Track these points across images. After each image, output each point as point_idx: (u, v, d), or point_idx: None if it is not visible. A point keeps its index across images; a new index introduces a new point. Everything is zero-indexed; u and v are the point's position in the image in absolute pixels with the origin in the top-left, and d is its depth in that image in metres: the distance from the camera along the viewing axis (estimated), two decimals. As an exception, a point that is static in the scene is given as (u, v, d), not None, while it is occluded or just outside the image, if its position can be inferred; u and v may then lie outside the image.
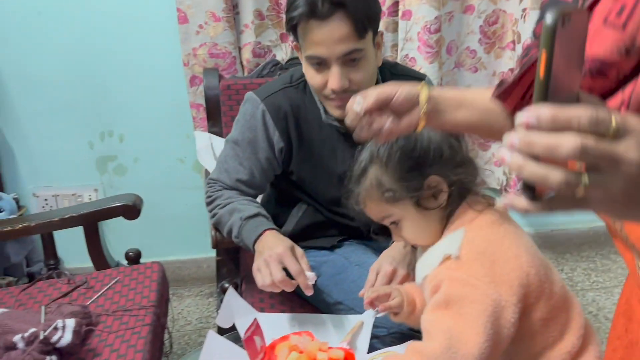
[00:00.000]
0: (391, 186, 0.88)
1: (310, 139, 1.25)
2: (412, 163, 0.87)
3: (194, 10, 1.80)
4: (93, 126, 1.96)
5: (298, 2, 1.08)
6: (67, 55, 1.87)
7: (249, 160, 1.26)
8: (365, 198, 0.92)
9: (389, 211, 0.91)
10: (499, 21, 1.98)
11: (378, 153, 0.90)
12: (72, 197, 2.03)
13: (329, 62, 1.10)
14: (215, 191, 1.28)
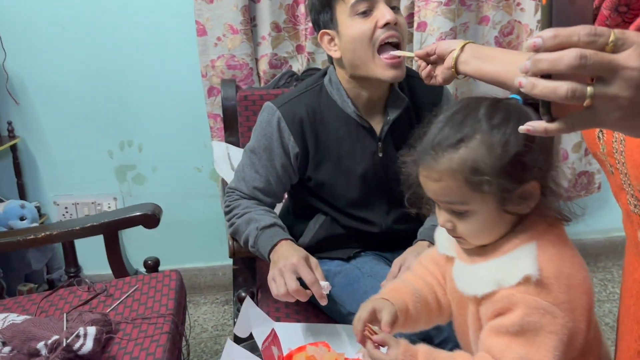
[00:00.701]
0: (488, 175, 0.75)
1: (327, 140, 1.26)
2: (522, 160, 0.74)
3: (213, 23, 1.83)
4: (113, 136, 2.00)
5: None
6: (88, 67, 1.92)
7: (265, 167, 1.28)
8: (447, 173, 0.77)
9: (467, 199, 0.78)
10: (514, 32, 1.98)
11: (491, 131, 0.75)
12: (92, 205, 2.07)
13: (375, 3, 1.14)
14: (233, 200, 1.30)
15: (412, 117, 1.27)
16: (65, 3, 1.85)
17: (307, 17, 1.87)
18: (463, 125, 0.77)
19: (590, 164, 2.17)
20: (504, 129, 0.75)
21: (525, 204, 0.78)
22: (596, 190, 2.22)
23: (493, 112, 0.77)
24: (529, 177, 0.76)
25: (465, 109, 0.79)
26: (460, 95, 2.04)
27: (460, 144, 0.76)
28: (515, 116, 0.76)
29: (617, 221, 2.45)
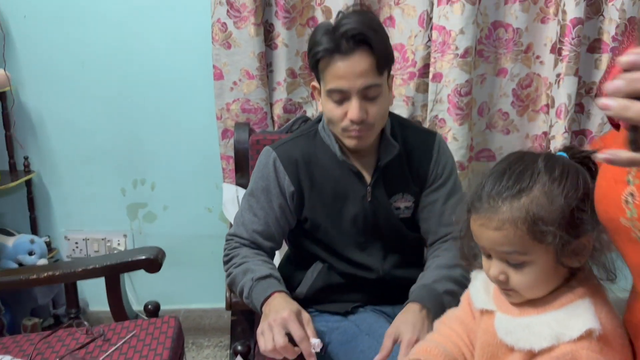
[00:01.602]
0: (551, 225, 0.76)
1: (321, 181, 1.27)
2: (583, 213, 0.76)
3: (230, 68, 1.85)
4: (126, 174, 2.02)
5: (322, 39, 1.15)
6: (106, 105, 1.95)
7: (264, 209, 1.28)
8: (509, 221, 0.77)
9: (527, 249, 0.78)
10: (532, 84, 1.96)
11: (552, 184, 0.77)
12: (102, 241, 2.08)
13: (349, 95, 1.16)
14: (232, 249, 1.29)
15: (404, 164, 1.28)
16: (87, 41, 1.90)
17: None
18: (522, 176, 0.79)
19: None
20: (564, 182, 0.78)
21: (578, 258, 0.79)
22: (617, 248, 2.15)
23: (552, 165, 0.79)
24: (584, 231, 0.77)
25: (522, 161, 0.81)
26: (476, 145, 2.01)
27: (522, 193, 0.78)
28: (573, 170, 0.79)
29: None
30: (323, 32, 1.15)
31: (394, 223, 1.29)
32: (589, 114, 1.95)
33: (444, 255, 1.26)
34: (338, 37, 1.12)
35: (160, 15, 1.88)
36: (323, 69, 1.17)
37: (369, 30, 1.13)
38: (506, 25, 1.88)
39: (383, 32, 1.18)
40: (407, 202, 1.30)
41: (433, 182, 1.30)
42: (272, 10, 1.84)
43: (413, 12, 1.85)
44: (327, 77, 1.17)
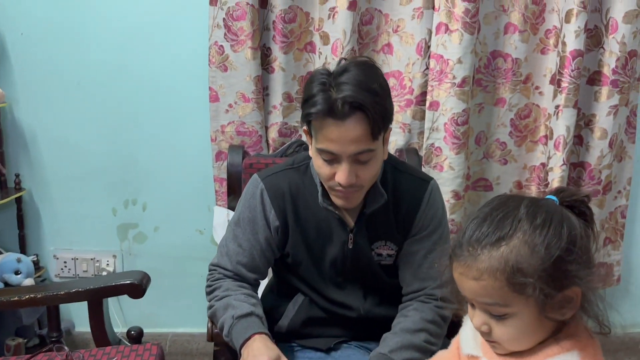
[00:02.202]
0: (531, 277, 0.72)
1: (307, 220, 1.24)
2: (569, 262, 0.72)
3: (226, 90, 1.84)
4: (118, 193, 2.00)
5: (316, 99, 1.07)
6: (100, 124, 1.94)
7: (249, 241, 1.25)
8: (487, 271, 0.74)
9: (507, 300, 0.74)
10: (531, 115, 1.94)
11: (533, 231, 0.73)
12: (91, 261, 2.05)
13: (339, 158, 1.10)
14: (215, 280, 1.26)
15: (390, 211, 1.23)
16: (83, 60, 1.89)
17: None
18: (503, 223, 0.75)
19: (609, 255, 2.06)
20: (546, 230, 0.73)
21: (565, 310, 0.75)
22: (615, 282, 2.10)
23: (534, 211, 0.75)
24: (571, 282, 0.73)
25: (505, 206, 0.77)
26: (473, 174, 1.99)
27: (501, 242, 0.74)
28: (557, 217, 0.74)
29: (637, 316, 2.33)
30: (319, 87, 1.07)
31: (374, 269, 1.26)
32: (588, 147, 1.93)
33: (411, 317, 1.20)
34: (333, 100, 1.05)
35: (157, 37, 1.88)
36: (315, 127, 1.10)
37: (367, 96, 1.05)
38: (505, 55, 1.87)
39: (383, 91, 1.11)
40: (389, 250, 1.25)
41: (417, 232, 1.24)
42: (270, 35, 1.84)
43: (411, 39, 1.84)
44: (318, 137, 1.10)
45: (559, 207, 0.77)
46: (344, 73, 1.07)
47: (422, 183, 1.26)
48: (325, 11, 1.81)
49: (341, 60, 1.14)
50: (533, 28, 1.86)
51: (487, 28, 1.85)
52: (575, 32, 1.76)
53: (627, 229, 2.08)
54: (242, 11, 1.75)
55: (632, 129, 1.96)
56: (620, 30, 1.80)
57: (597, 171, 1.93)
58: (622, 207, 2.03)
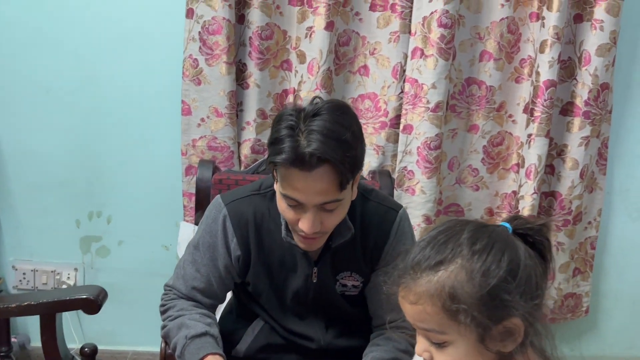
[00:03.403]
0: (467, 304, 0.69)
1: (270, 251, 1.20)
2: (507, 292, 0.69)
3: (198, 104, 1.82)
4: (83, 205, 1.95)
5: (284, 147, 1.01)
6: (68, 134, 1.90)
7: (207, 267, 1.20)
8: (424, 296, 0.72)
9: (444, 327, 0.72)
10: (504, 143, 1.95)
11: (472, 257, 0.71)
12: (51, 274, 1.98)
13: (304, 207, 1.06)
14: (169, 300, 1.22)
15: (357, 244, 1.19)
16: (53, 70, 1.85)
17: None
18: (444, 248, 0.73)
19: (579, 286, 2.07)
20: (485, 256, 0.71)
21: (507, 343, 0.72)
22: (584, 314, 2.10)
23: (476, 237, 0.72)
24: (510, 313, 0.70)
25: (449, 230, 0.75)
26: (445, 199, 1.98)
27: (440, 266, 0.72)
28: (500, 244, 0.71)
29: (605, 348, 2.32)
30: (287, 132, 1.01)
31: (337, 301, 1.23)
32: (559, 176, 1.94)
33: (383, 346, 1.17)
34: (301, 151, 0.99)
35: (130, 47, 1.85)
36: (280, 173, 1.05)
37: (337, 149, 1.00)
38: (480, 83, 1.88)
39: (355, 140, 1.04)
40: (355, 281, 1.21)
41: (386, 264, 1.18)
42: (246, 50, 1.82)
43: (387, 63, 1.84)
44: (283, 183, 1.05)
45: (507, 234, 0.74)
46: (315, 118, 1.02)
47: (391, 213, 1.22)
48: (302, 30, 1.80)
49: (314, 99, 1.08)
50: (508, 57, 1.87)
51: (463, 55, 1.86)
52: (549, 62, 1.78)
53: (597, 260, 2.09)
54: (218, 25, 1.74)
55: (603, 160, 1.98)
56: (593, 63, 1.82)
57: (568, 201, 1.93)
58: (592, 238, 2.04)
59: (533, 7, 1.83)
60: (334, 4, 1.74)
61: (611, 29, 1.79)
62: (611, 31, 1.79)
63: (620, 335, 2.22)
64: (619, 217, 2.10)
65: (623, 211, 2.10)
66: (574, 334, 2.19)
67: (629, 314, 2.20)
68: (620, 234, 2.11)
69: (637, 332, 2.23)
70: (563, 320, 2.08)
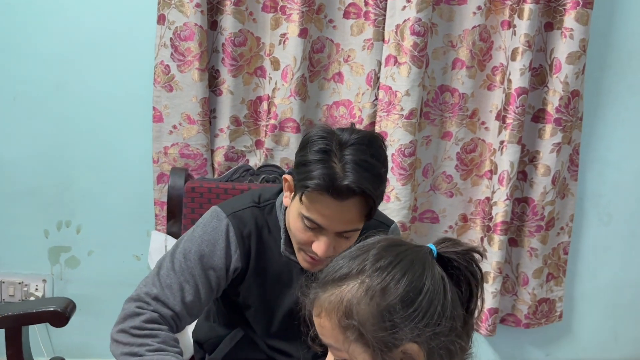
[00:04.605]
0: (362, 323, 0.67)
1: (267, 264, 1.17)
2: (403, 314, 0.67)
3: (170, 111, 1.79)
4: (52, 214, 1.90)
5: (318, 173, 0.99)
6: (37, 141, 1.85)
7: (198, 277, 1.12)
8: (324, 310, 0.71)
9: (340, 345, 0.70)
10: (477, 149, 1.96)
11: (372, 274, 0.68)
12: (19, 285, 1.93)
13: (324, 231, 1.05)
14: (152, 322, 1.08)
15: None
16: (20, 76, 1.81)
17: (269, 114, 1.84)
18: (353, 262, 0.71)
19: (552, 291, 2.08)
20: (384, 275, 0.68)
21: None
22: (557, 319, 2.12)
23: (382, 254, 0.70)
24: (402, 338, 0.66)
25: (364, 246, 0.73)
26: (420, 206, 1.98)
27: (344, 280, 0.70)
28: (404, 265, 0.68)
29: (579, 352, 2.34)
30: (322, 156, 1.00)
31: None
32: (532, 183, 1.96)
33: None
34: (338, 182, 0.98)
35: (100, 53, 1.81)
36: (309, 198, 1.02)
37: (373, 183, 1.00)
38: (452, 90, 1.89)
39: (386, 174, 1.06)
40: None
41: None
42: (219, 57, 1.80)
43: (361, 70, 1.84)
44: (309, 205, 1.03)
45: (424, 256, 0.71)
46: (352, 147, 1.01)
47: (382, 228, 1.23)
48: (276, 37, 1.79)
49: (352, 125, 1.08)
50: (480, 64, 1.89)
51: (436, 63, 1.87)
52: (521, 70, 1.80)
53: (570, 265, 2.11)
54: (190, 32, 1.72)
55: (575, 167, 2.00)
56: (564, 71, 1.85)
57: (541, 207, 1.95)
58: (564, 244, 2.06)
59: (504, 15, 1.85)
60: (307, 11, 1.74)
61: (581, 37, 1.82)
62: (581, 39, 1.82)
63: (594, 338, 2.24)
64: (591, 222, 2.13)
65: (595, 216, 2.12)
66: (549, 339, 2.21)
67: (602, 318, 2.23)
68: (592, 238, 2.14)
69: (611, 336, 2.26)
70: (537, 325, 2.09)
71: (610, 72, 2.00)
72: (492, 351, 2.19)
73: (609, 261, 2.17)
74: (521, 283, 2.03)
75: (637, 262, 2.19)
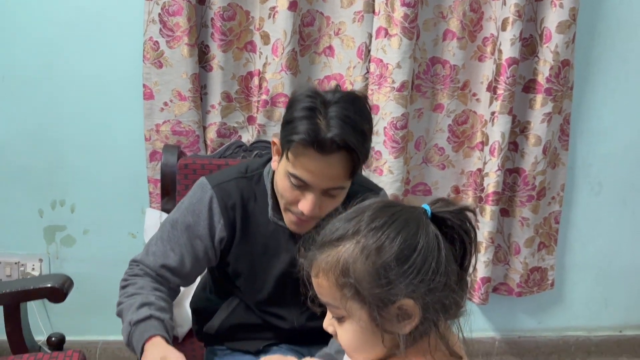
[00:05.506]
0: (358, 281, 0.69)
1: (254, 233, 1.19)
2: (398, 271, 0.68)
3: (160, 87, 1.78)
4: (45, 194, 1.90)
5: (302, 126, 1.02)
6: (27, 121, 1.84)
7: (183, 246, 1.18)
8: (322, 271, 0.73)
9: (338, 303, 0.72)
10: (468, 121, 1.97)
11: (367, 233, 0.71)
12: (15, 265, 1.94)
13: (309, 188, 1.07)
14: (132, 275, 1.18)
15: None
16: (8, 55, 1.79)
17: (261, 90, 1.83)
18: (349, 224, 0.73)
19: (544, 260, 2.11)
20: (379, 234, 0.70)
21: (404, 324, 0.70)
22: (549, 287, 2.16)
23: (376, 215, 0.72)
24: (398, 294, 0.68)
25: (360, 207, 0.76)
26: (413, 179, 2.00)
27: (340, 241, 0.72)
28: (398, 224, 0.70)
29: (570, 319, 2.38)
30: (306, 112, 1.02)
31: None
32: (523, 153, 1.97)
33: None
34: (322, 135, 1.00)
35: (88, 30, 1.79)
36: (294, 153, 1.04)
37: (357, 138, 1.02)
38: (444, 62, 1.89)
39: (370, 133, 1.07)
40: None
41: None
42: (208, 32, 1.79)
43: (352, 43, 1.83)
44: (294, 162, 1.05)
45: (418, 216, 0.72)
46: (336, 105, 1.03)
47: (372, 195, 1.23)
48: (265, 10, 1.78)
49: (336, 87, 1.09)
50: (471, 35, 1.89)
51: (426, 34, 1.87)
52: (511, 40, 1.80)
53: (561, 234, 2.14)
54: (179, 7, 1.70)
55: (566, 136, 2.02)
56: (554, 40, 1.85)
57: (532, 177, 1.97)
58: (555, 213, 2.08)
59: (494, -15, 1.85)
60: (296, -17, 1.72)
61: (570, 6, 1.81)
62: (570, 8, 1.81)
63: (585, 306, 2.29)
64: (582, 192, 2.15)
65: (586, 186, 2.15)
66: (541, 307, 2.25)
67: (592, 286, 2.27)
68: (583, 208, 2.17)
69: (601, 303, 2.30)
70: (529, 293, 2.13)
71: (600, 41, 2.00)
72: (485, 320, 2.23)
73: (600, 230, 2.20)
74: (513, 252, 2.06)
75: (627, 230, 2.22)
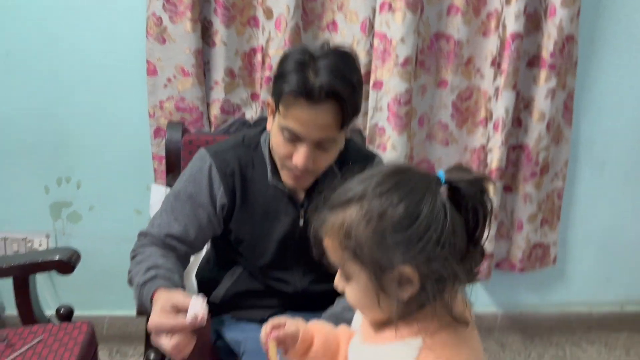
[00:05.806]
0: (359, 245, 0.71)
1: (254, 199, 1.22)
2: (397, 239, 0.69)
3: (164, 63, 1.78)
4: (51, 170, 1.91)
5: (292, 77, 1.04)
6: (32, 98, 1.84)
7: (187, 216, 1.20)
8: (330, 230, 0.75)
9: (342, 262, 0.75)
10: (472, 97, 1.96)
11: (372, 198, 0.71)
12: (22, 241, 1.96)
13: (302, 140, 1.09)
14: (140, 246, 1.21)
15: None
16: (13, 31, 1.78)
17: (264, 66, 1.83)
18: (357, 187, 0.74)
19: (546, 236, 2.13)
20: (383, 199, 0.70)
21: (403, 289, 0.71)
22: (552, 263, 2.17)
23: (384, 179, 0.73)
24: (397, 260, 0.69)
25: (372, 171, 0.76)
26: (416, 155, 2.00)
27: (348, 204, 0.73)
28: (403, 191, 0.70)
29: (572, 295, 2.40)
30: (296, 65, 1.05)
31: None
32: (527, 129, 1.97)
33: None
34: (311, 83, 1.02)
35: (92, 6, 1.79)
36: (285, 104, 1.07)
37: (345, 86, 1.04)
38: (448, 37, 1.88)
39: (359, 85, 1.09)
40: None
41: None
42: (211, 7, 1.78)
43: (355, 18, 1.82)
44: (285, 113, 1.07)
45: (427, 183, 0.71)
46: (325, 58, 1.05)
47: (368, 158, 1.29)
48: (268, -15, 1.77)
49: (324, 44, 1.11)
50: (475, 10, 1.87)
51: (430, 9, 1.85)
52: (515, 14, 1.79)
53: (564, 210, 2.15)
54: (182, -18, 1.70)
55: (569, 112, 2.02)
56: (558, 15, 1.84)
57: (535, 153, 1.97)
58: (558, 189, 2.09)
59: (499, -41, 1.83)
60: (299, -43, 1.71)
61: (576, -20, 1.80)
62: (576, -18, 1.80)
63: (587, 282, 2.31)
64: (585, 168, 2.16)
65: (589, 162, 2.15)
66: (543, 283, 2.27)
67: (594, 262, 2.29)
68: (586, 184, 2.17)
69: (603, 279, 2.32)
70: (532, 269, 2.14)
71: (605, 16, 1.99)
72: (488, 295, 2.26)
73: (602, 206, 2.21)
74: (516, 228, 2.07)
75: (629, 207, 2.23)
